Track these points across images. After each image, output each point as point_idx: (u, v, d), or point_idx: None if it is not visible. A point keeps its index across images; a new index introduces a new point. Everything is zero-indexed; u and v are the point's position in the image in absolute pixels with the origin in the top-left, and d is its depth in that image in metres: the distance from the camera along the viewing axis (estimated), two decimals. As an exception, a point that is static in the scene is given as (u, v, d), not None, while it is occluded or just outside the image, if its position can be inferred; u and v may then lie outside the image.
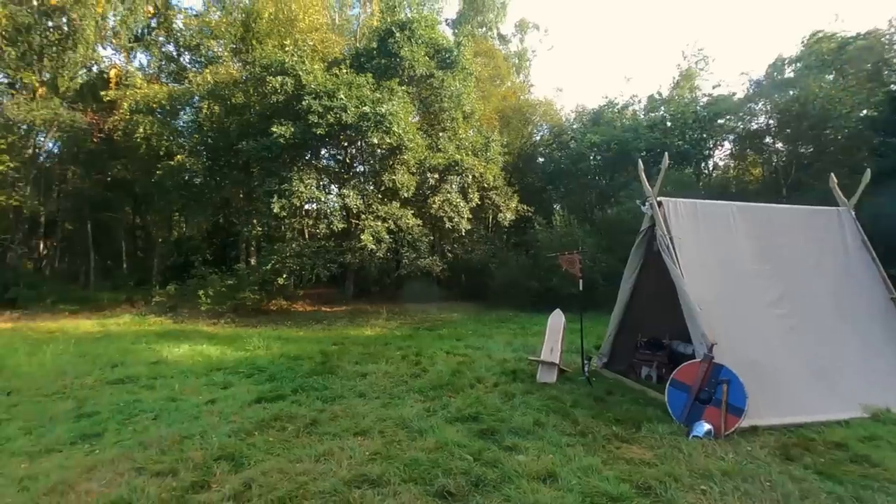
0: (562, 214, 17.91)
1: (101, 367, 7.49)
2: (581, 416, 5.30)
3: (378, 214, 14.78)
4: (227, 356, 8.54)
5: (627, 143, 21.80)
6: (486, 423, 5.03)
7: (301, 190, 13.76)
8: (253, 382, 6.78)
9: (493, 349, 9.13)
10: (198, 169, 15.38)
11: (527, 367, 7.62)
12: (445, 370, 7.31)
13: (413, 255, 15.75)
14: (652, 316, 7.28)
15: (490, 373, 7.21)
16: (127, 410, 5.46)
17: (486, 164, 17.23)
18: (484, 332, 11.69)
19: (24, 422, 5.15)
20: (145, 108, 15.15)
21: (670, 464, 4.13)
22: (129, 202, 23.14)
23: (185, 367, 7.65)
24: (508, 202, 17.98)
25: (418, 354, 8.45)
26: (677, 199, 6.32)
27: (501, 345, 9.63)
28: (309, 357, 8.32)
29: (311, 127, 13.56)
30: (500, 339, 10.58)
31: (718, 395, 5.02)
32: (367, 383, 6.64)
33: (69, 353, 8.61)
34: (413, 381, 6.74)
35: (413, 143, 14.56)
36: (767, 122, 21.04)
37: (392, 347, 9.31)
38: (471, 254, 19.31)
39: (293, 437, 4.69)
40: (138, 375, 7.00)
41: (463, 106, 17.88)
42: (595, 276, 16.07)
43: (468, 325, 13.70)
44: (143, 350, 9.04)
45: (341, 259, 15.69)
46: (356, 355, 8.53)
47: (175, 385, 6.55)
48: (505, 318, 14.84)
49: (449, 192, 16.08)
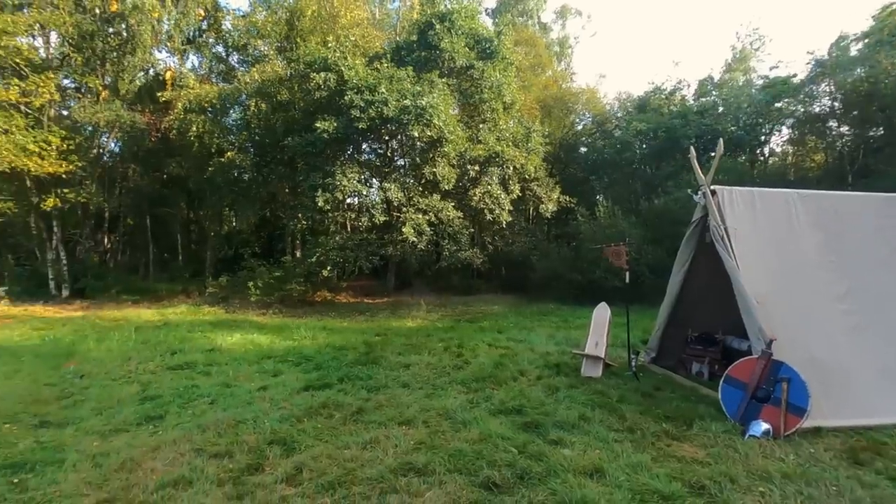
0: (606, 205, 17.44)
1: (162, 354, 7.94)
2: (628, 411, 5.17)
3: (419, 207, 14.88)
4: (276, 345, 8.86)
5: (676, 130, 20.93)
6: (529, 416, 5.00)
7: (344, 184, 14.03)
8: (301, 371, 7.01)
9: (536, 342, 9.04)
10: (246, 165, 15.96)
11: (570, 360, 7.51)
12: (488, 362, 7.30)
13: (454, 248, 15.77)
14: (703, 310, 6.99)
15: (533, 366, 7.14)
16: (186, 395, 5.77)
17: (528, 155, 16.98)
18: (525, 325, 11.59)
19: (95, 403, 5.53)
20: (198, 107, 15.84)
21: (725, 463, 3.97)
22: (184, 198, 24.29)
23: (237, 354, 8.00)
24: (550, 193, 17.67)
25: (460, 346, 8.48)
26: (732, 187, 6.00)
27: (544, 338, 9.52)
28: (353, 347, 8.52)
29: (353, 121, 13.78)
30: (542, 331, 10.46)
31: (778, 393, 4.77)
32: (411, 374, 6.73)
33: (133, 340, 9.18)
34: (455, 373, 6.78)
35: (453, 136, 14.53)
36: (832, 104, 19.66)
37: (434, 339, 9.38)
38: (511, 246, 19.14)
39: (340, 425, 4.81)
40: (195, 362, 7.37)
41: (503, 96, 17.65)
42: (641, 268, 15.61)
43: (509, 317, 13.61)
44: (199, 338, 9.52)
45: (383, 251, 15.92)
46: (399, 346, 8.66)
47: (229, 372, 6.86)
48: (546, 311, 14.65)
49: (489, 184, 15.96)
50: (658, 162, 21.72)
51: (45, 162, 14.76)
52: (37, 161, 14.64)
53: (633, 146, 22.04)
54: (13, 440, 4.47)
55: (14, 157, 14.13)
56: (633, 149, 22.07)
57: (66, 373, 6.70)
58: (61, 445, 4.32)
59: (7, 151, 13.87)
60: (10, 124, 14.36)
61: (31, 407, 5.37)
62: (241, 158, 15.84)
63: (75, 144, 15.96)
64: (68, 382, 6.34)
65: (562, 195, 18.21)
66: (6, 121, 14.32)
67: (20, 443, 4.39)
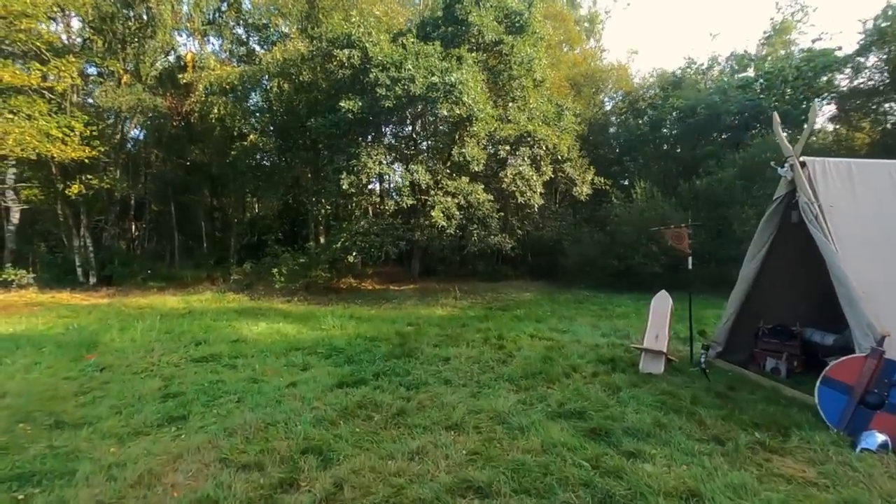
0: (643, 186, 16.48)
1: (186, 345, 7.55)
2: (708, 416, 4.50)
3: (447, 190, 14.22)
4: (304, 335, 8.40)
5: (716, 106, 19.74)
6: (594, 421, 4.37)
7: (369, 166, 13.44)
8: (332, 364, 6.51)
9: (581, 333, 8.37)
10: (269, 149, 15.51)
11: (624, 354, 6.83)
12: (534, 356, 6.68)
13: (483, 233, 15.09)
14: (778, 298, 6.22)
15: (584, 360, 6.49)
16: (211, 391, 5.32)
17: (560, 135, 16.09)
18: (563, 314, 10.91)
19: (115, 400, 5.12)
20: (219, 89, 15.39)
21: (847, 486, 3.29)
22: (208, 185, 24.12)
23: (264, 345, 7.55)
24: (584, 175, 16.77)
25: (500, 338, 7.87)
26: (825, 158, 5.19)
27: (588, 328, 8.84)
28: (385, 338, 7.99)
29: (378, 100, 13.13)
30: (584, 321, 9.78)
31: (894, 398, 4.04)
32: (451, 369, 6.16)
33: (157, 329, 8.83)
34: (501, 368, 6.18)
35: (483, 114, 13.76)
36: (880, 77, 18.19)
37: (470, 329, 8.79)
38: (541, 231, 18.38)
39: (380, 429, 4.28)
40: (220, 354, 6.95)
41: (533, 73, 16.72)
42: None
43: (543, 305, 12.94)
44: (223, 327, 9.13)
45: (409, 236, 15.35)
46: (433, 337, 8.10)
47: (255, 365, 6.40)
48: (582, 299, 13.92)
49: (521, 165, 15.17)
50: (697, 140, 20.56)
51: (68, 148, 14.53)
52: (60, 147, 14.42)
53: (669, 124, 20.91)
54: (25, 443, 4.05)
55: (38, 143, 13.93)
56: (669, 127, 20.94)
57: (87, 366, 6.33)
58: (75, 451, 3.87)
59: (31, 137, 13.67)
60: (33, 109, 14.13)
61: (48, 404, 4.98)
62: (264, 142, 15.39)
63: (98, 130, 15.71)
64: (88, 376, 5.95)
65: (596, 177, 17.25)
66: (29, 106, 14.10)
67: (32, 447, 3.97)
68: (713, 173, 16.61)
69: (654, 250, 14.61)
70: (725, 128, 20.43)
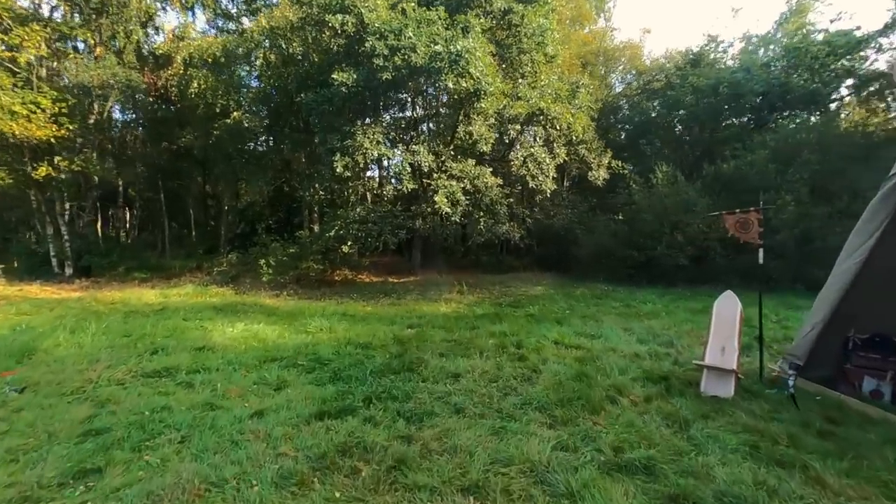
0: (665, 170, 15.10)
1: (140, 354, 6.27)
2: (825, 471, 3.23)
3: (452, 173, 12.89)
4: (285, 341, 7.12)
5: (740, 85, 18.32)
6: (670, 481, 3.11)
7: (366, 146, 12.09)
8: (314, 382, 5.23)
9: (613, 338, 7.08)
10: (255, 126, 14.08)
11: (674, 367, 5.56)
12: (565, 372, 5.40)
13: (490, 221, 13.78)
14: (874, 303, 4.91)
15: (629, 377, 5.21)
16: (149, 426, 4.04)
17: (574, 114, 14.69)
18: (584, 312, 9.64)
19: (18, 438, 3.85)
20: (200, 61, 13.94)
21: None
22: (199, 170, 22.77)
23: (234, 355, 6.27)
24: (600, 158, 15.39)
25: (519, 345, 6.59)
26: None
27: (619, 331, 7.55)
28: (381, 345, 6.71)
29: (375, 72, 11.75)
30: (611, 322, 8.49)
31: None
32: (463, 390, 4.88)
33: (114, 331, 7.56)
34: (526, 388, 4.90)
35: (493, 87, 12.36)
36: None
37: (481, 333, 7.51)
38: (552, 218, 17.04)
39: (370, 492, 3.01)
40: (178, 367, 5.67)
41: (545, 46, 15.28)
42: (711, 244, 13.42)
43: (558, 301, 11.66)
44: (193, 329, 7.86)
45: (410, 225, 14.04)
46: (439, 343, 6.83)
47: (218, 384, 5.13)
48: (600, 294, 12.63)
49: (532, 147, 13.80)
50: (720, 121, 19.18)
51: (32, 125, 13.16)
52: (24, 124, 13.05)
53: (688, 104, 19.46)
54: None
55: (0, 120, 12.58)
56: (689, 107, 19.48)
57: (3, 384, 5.05)
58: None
59: (-9, 113, 12.32)
60: (-6, 83, 12.77)
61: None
62: (250, 119, 13.97)
63: (69, 107, 14.30)
64: (0, 400, 4.68)
65: (613, 160, 15.86)
66: (-12, 79, 12.73)
67: None
68: (740, 156, 15.21)
69: (679, 240, 13.29)
70: (749, 108, 19.01)
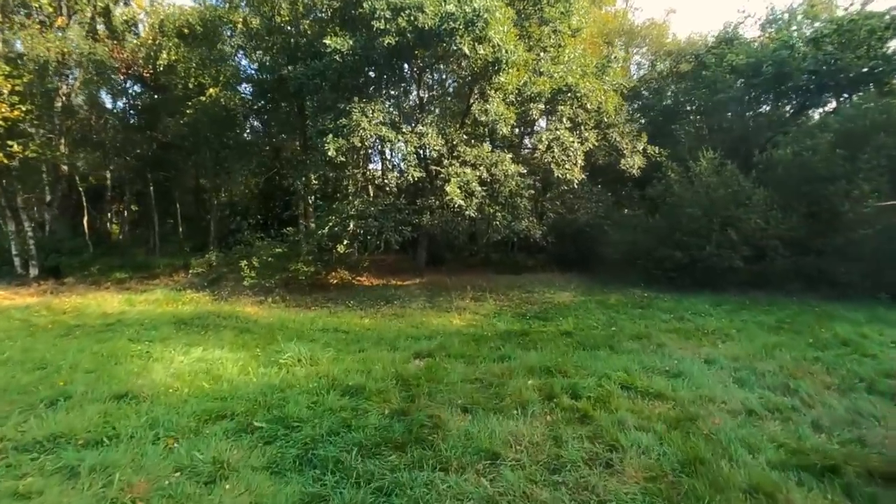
0: (711, 157, 13.06)
1: (34, 406, 4.37)
2: None
3: (465, 159, 10.92)
4: (247, 379, 5.19)
5: (785, 63, 16.29)
6: None
7: (363, 126, 10.12)
8: (270, 467, 3.31)
9: (699, 378, 5.08)
10: (234, 105, 12.11)
11: (820, 438, 3.61)
12: (661, 450, 3.45)
13: (508, 217, 11.82)
14: None
15: (767, 461, 3.26)
16: None
17: (606, 91, 12.69)
18: (634, 330, 7.69)
19: None
20: (173, 30, 11.98)
21: None
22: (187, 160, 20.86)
23: (167, 407, 4.36)
24: (634, 143, 13.35)
25: (575, 393, 4.62)
26: None
27: (700, 365, 5.58)
28: (379, 391, 4.75)
29: (375, 37, 9.78)
30: (676, 345, 6.53)
31: None
32: (506, 490, 2.95)
33: (27, 360, 5.66)
34: (608, 486, 2.96)
35: (516, 56, 10.35)
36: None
37: (515, 366, 5.52)
38: (576, 213, 15.05)
39: None
40: (74, 433, 3.77)
41: (570, 17, 13.25)
42: (771, 242, 11.44)
43: (593, 312, 9.73)
44: (133, 358, 5.94)
45: (416, 220, 12.09)
46: (459, 387, 4.88)
47: (118, 472, 3.21)
48: (641, 302, 10.66)
49: (558, 129, 11.81)
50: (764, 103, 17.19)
51: (-25, 104, 11.29)
52: (-36, 103, 11.18)
53: (725, 85, 17.39)
54: None
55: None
56: (727, 89, 17.41)
57: None
58: None
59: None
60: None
61: None
62: (228, 97, 12.01)
63: (23, 84, 12.41)
64: None
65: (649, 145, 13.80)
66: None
67: None
68: (796, 141, 13.15)
69: (734, 238, 11.29)
70: (796, 89, 16.97)
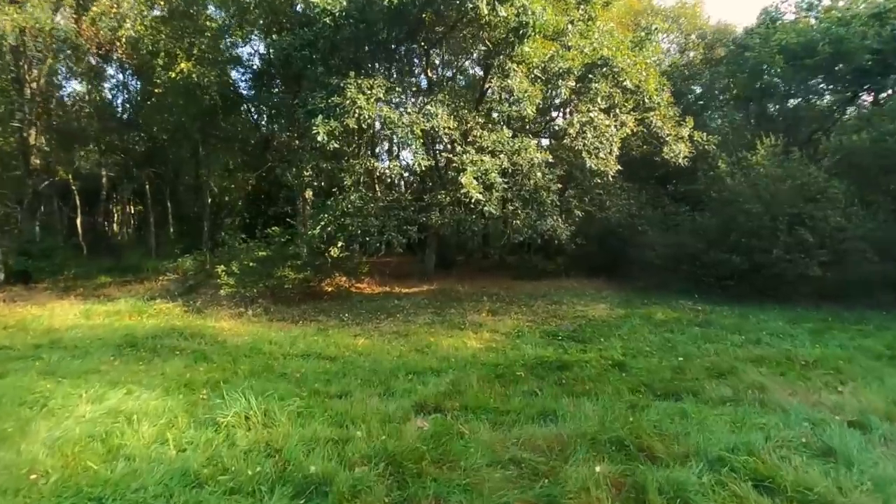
0: (773, 144, 11.10)
1: None
2: None
3: (482, 145, 9.10)
4: (160, 457, 3.36)
5: (844, 41, 14.29)
6: None
7: (360, 104, 8.33)
8: None
9: (867, 463, 3.23)
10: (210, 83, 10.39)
11: None
12: None
13: (533, 215, 9.98)
14: None
15: None
16: None
17: (646, 69, 10.80)
18: (709, 360, 5.82)
19: None
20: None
21: None
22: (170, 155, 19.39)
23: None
24: (678, 129, 11.43)
25: (681, 498, 2.78)
26: None
27: (844, 428, 3.70)
28: (355, 491, 2.93)
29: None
30: (785, 391, 4.65)
31: None
32: None
33: None
34: None
35: (544, 20, 8.50)
36: None
37: (570, 438, 3.65)
38: (606, 210, 13.15)
39: None
40: None
41: (602, -17, 11.42)
42: (856, 244, 9.44)
43: (641, 332, 7.86)
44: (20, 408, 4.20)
45: (422, 219, 10.29)
46: (485, 477, 3.06)
47: None
48: (695, 319, 8.72)
49: (591, 111, 9.94)
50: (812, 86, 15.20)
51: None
52: None
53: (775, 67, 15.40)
54: None
55: None
56: (777, 72, 15.43)
57: None
58: None
59: None
60: None
61: None
62: (202, 73, 10.30)
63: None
64: None
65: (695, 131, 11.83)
66: None
67: None
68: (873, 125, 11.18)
69: (808, 239, 9.32)
70: (856, 70, 14.95)
